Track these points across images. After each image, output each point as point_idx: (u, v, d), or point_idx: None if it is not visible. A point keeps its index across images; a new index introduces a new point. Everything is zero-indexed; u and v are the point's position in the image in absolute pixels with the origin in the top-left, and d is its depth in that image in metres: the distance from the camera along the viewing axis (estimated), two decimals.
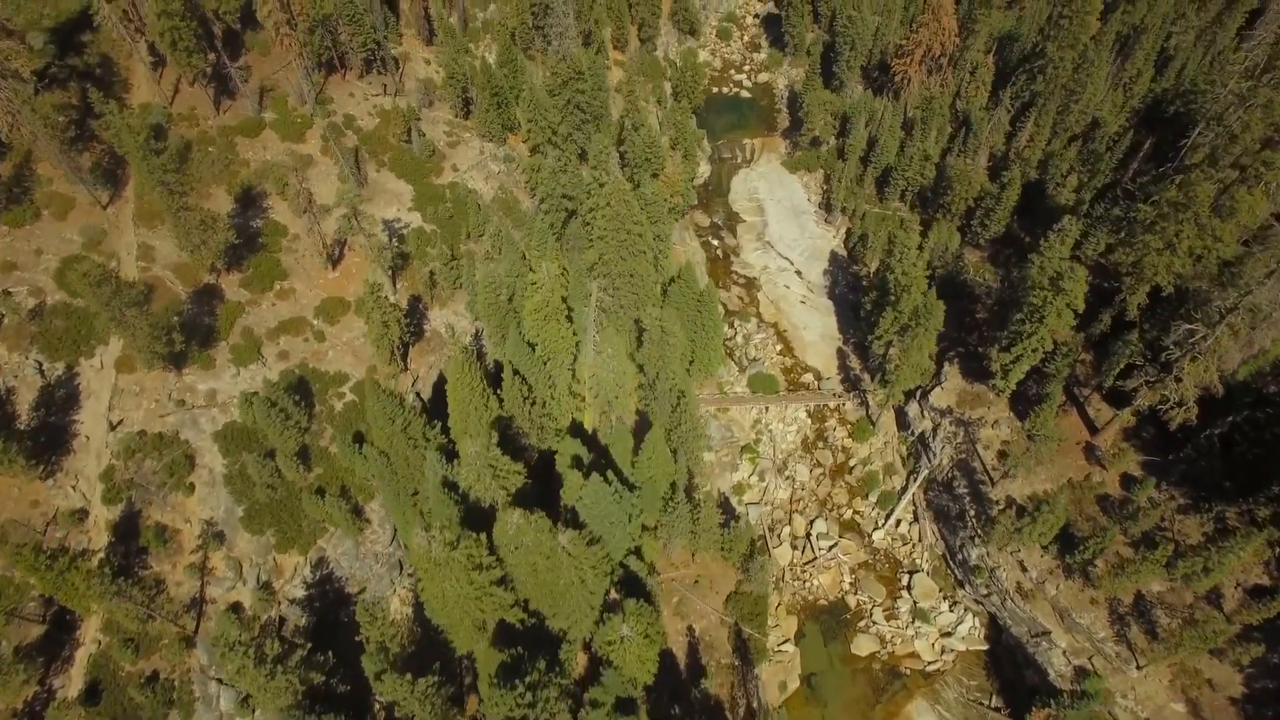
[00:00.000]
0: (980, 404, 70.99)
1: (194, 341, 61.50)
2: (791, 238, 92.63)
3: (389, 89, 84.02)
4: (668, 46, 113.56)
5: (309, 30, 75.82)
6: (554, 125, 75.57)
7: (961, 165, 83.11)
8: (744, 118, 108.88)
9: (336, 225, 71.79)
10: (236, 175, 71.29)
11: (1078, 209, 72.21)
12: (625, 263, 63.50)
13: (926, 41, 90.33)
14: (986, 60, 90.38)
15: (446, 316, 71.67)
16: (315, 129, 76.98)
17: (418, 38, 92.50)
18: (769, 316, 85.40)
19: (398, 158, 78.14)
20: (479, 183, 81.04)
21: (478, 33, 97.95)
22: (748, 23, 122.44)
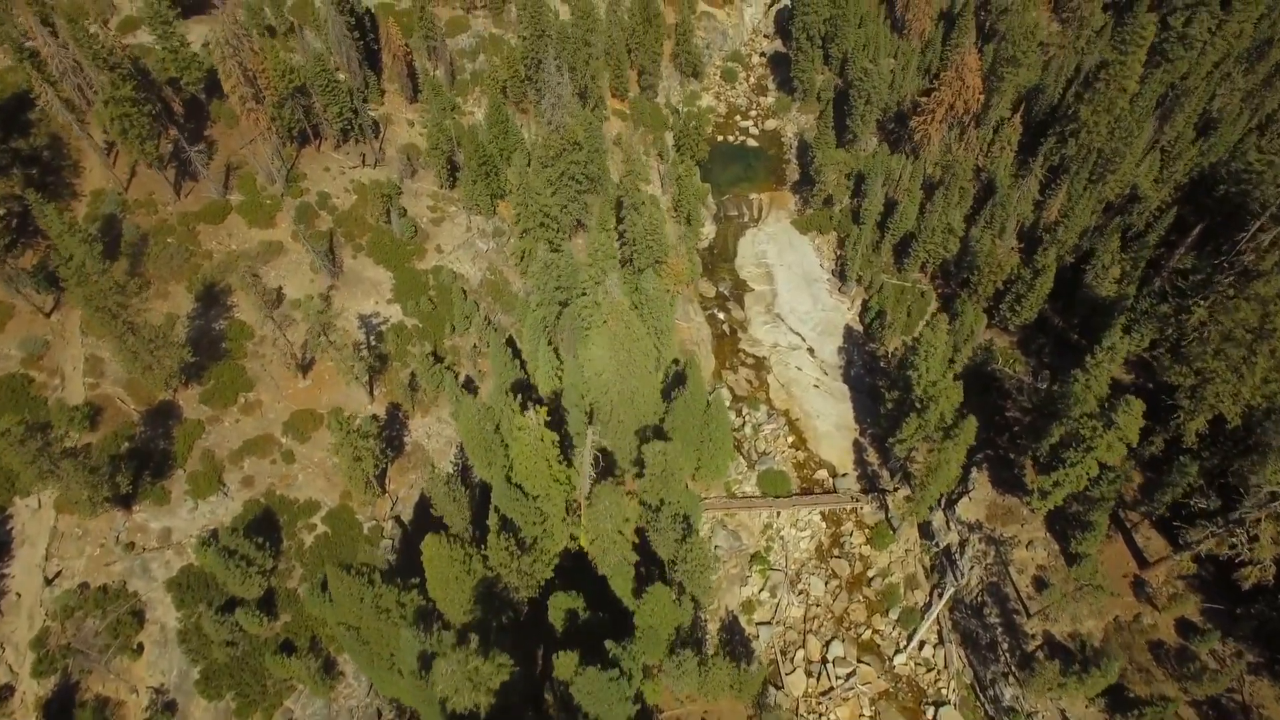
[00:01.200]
0: (1013, 520, 64.49)
1: (146, 473, 54.97)
2: (803, 310, 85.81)
3: (368, 159, 76.97)
4: (669, 91, 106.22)
5: (278, 104, 68.79)
6: (546, 209, 68.61)
7: (989, 243, 76.22)
8: (751, 169, 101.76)
9: (308, 325, 65.02)
10: (198, 269, 64.47)
11: (1121, 303, 65.37)
12: (625, 382, 56.86)
13: (949, 100, 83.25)
14: (1013, 120, 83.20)
15: (429, 425, 65.05)
16: (286, 210, 70.08)
17: (401, 95, 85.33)
18: (780, 403, 78.72)
19: (377, 240, 71.24)
20: (465, 264, 74.16)
21: (466, 86, 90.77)
22: (753, 62, 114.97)
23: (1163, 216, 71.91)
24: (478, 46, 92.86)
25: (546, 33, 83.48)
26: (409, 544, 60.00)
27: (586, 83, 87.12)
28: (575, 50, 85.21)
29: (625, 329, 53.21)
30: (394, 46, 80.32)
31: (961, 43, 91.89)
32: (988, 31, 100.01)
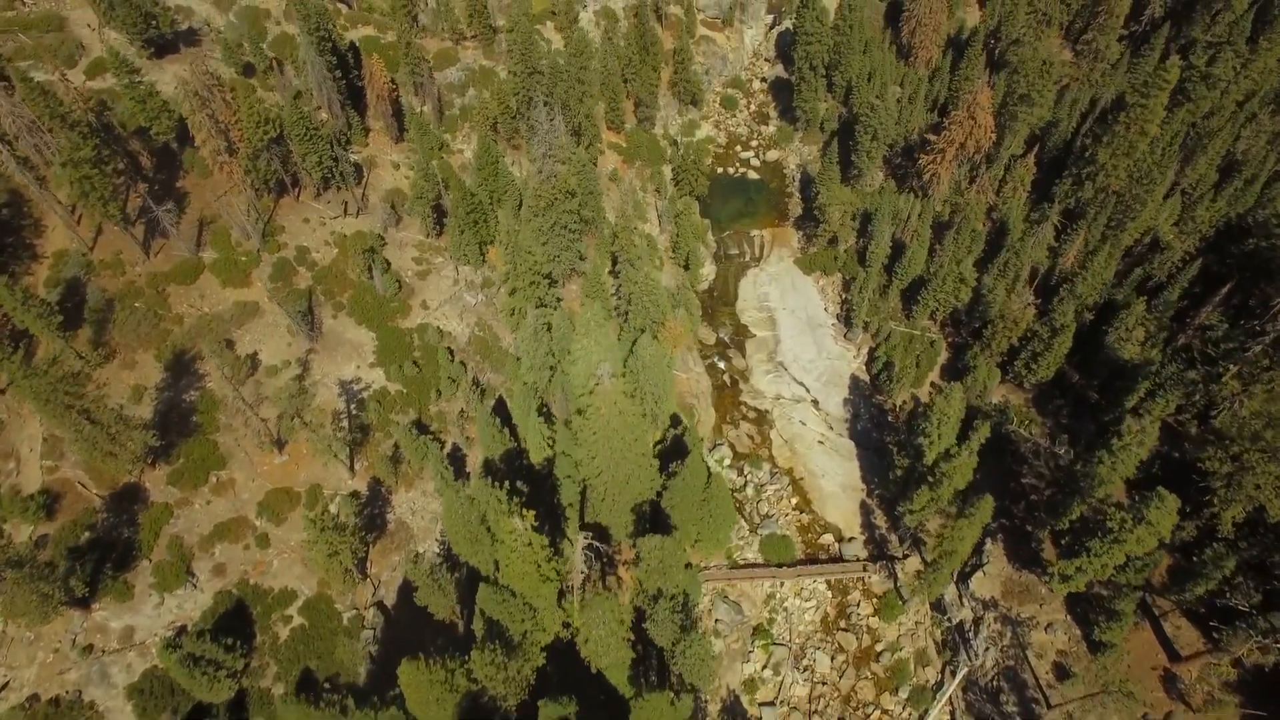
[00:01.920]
0: (1030, 599, 60.71)
1: (108, 566, 51.11)
2: (807, 358, 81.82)
3: (350, 207, 72.85)
4: (667, 121, 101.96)
5: (252, 156, 64.66)
6: (537, 268, 64.53)
7: (1003, 294, 72.33)
8: (752, 203, 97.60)
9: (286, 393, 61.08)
10: (168, 336, 60.45)
11: (1145, 368, 61.39)
12: (619, 467, 52.96)
13: (959, 139, 79.07)
14: (1026, 160, 79.07)
15: (413, 500, 61.19)
16: (263, 268, 66.01)
17: (386, 134, 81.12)
18: (783, 461, 74.85)
19: (358, 298, 67.18)
20: (452, 321, 70.13)
21: (455, 122, 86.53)
22: (754, 88, 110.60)
23: (1186, 268, 68.00)
24: (467, 80, 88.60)
25: (538, 69, 79.22)
26: (393, 632, 56.34)
27: (580, 121, 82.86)
28: (569, 87, 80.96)
29: (619, 418, 49.27)
30: (378, 86, 76.08)
31: (971, 76, 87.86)
32: (997, 59, 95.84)
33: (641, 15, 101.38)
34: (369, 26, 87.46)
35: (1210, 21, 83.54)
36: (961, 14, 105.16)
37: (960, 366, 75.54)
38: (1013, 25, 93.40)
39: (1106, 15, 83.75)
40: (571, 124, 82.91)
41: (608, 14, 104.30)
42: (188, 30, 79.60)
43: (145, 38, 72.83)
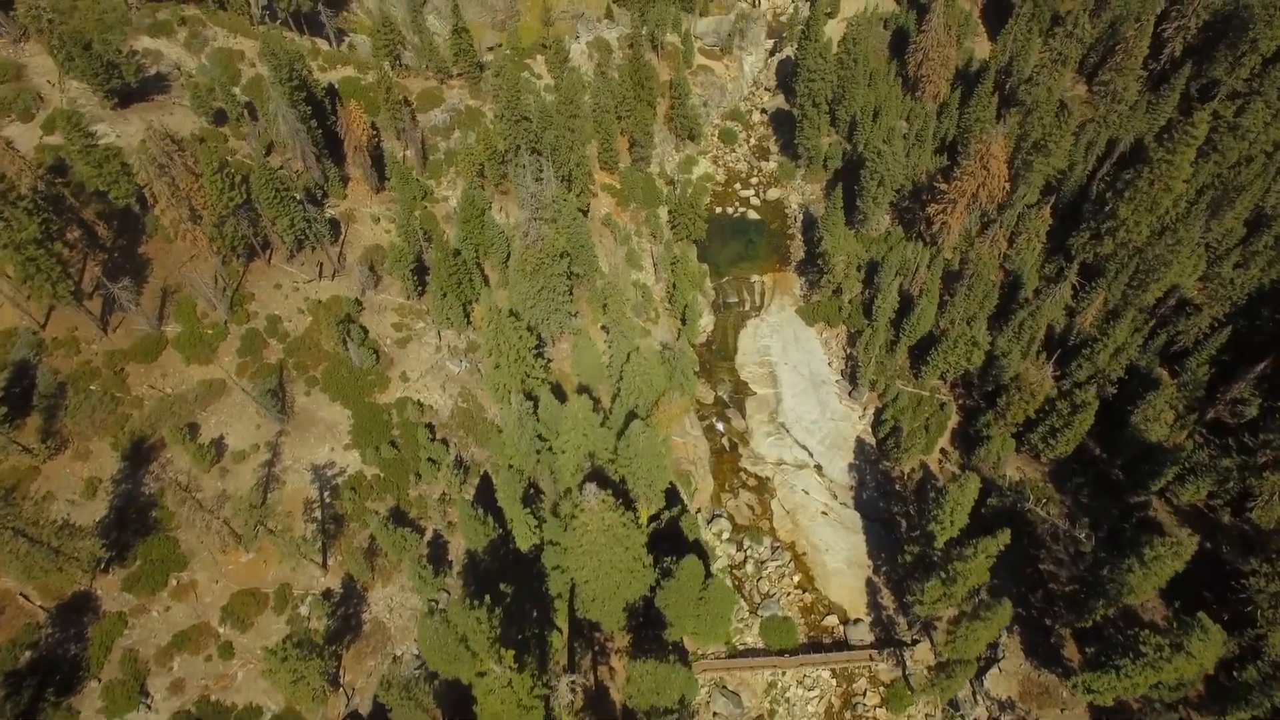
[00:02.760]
0: (1050, 703, 56.38)
1: (50, 691, 46.65)
2: (810, 418, 77.25)
3: (326, 269, 68.12)
4: (664, 158, 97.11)
5: (218, 224, 59.94)
6: (520, 348, 59.80)
7: (1017, 358, 67.78)
8: (752, 245, 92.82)
9: (254, 480, 56.60)
10: (126, 421, 55.81)
11: (1175, 454, 56.88)
12: (609, 576, 48.49)
13: (971, 190, 74.32)
14: (1042, 211, 74.34)
15: (391, 596, 56.71)
16: (230, 341, 61.34)
17: (365, 183, 76.25)
18: (785, 534, 70.41)
19: (333, 371, 62.53)
20: (434, 392, 65.52)
21: (440, 167, 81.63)
22: (754, 120, 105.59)
23: (1215, 335, 63.45)
24: (452, 122, 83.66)
25: (525, 116, 74.29)
26: None
27: (571, 169, 77.98)
28: (559, 134, 76.06)
29: (607, 532, 44.77)
30: (355, 137, 71.23)
31: (983, 118, 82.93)
32: (1009, 94, 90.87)
33: (636, 46, 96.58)
34: (348, 67, 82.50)
35: (1234, 63, 78.58)
36: (970, 44, 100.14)
37: (972, 432, 71.00)
38: (1025, 62, 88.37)
39: (1124, 55, 78.82)
40: (562, 172, 78.05)
41: (601, 45, 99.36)
42: (156, 76, 74.68)
43: (108, 88, 67.91)
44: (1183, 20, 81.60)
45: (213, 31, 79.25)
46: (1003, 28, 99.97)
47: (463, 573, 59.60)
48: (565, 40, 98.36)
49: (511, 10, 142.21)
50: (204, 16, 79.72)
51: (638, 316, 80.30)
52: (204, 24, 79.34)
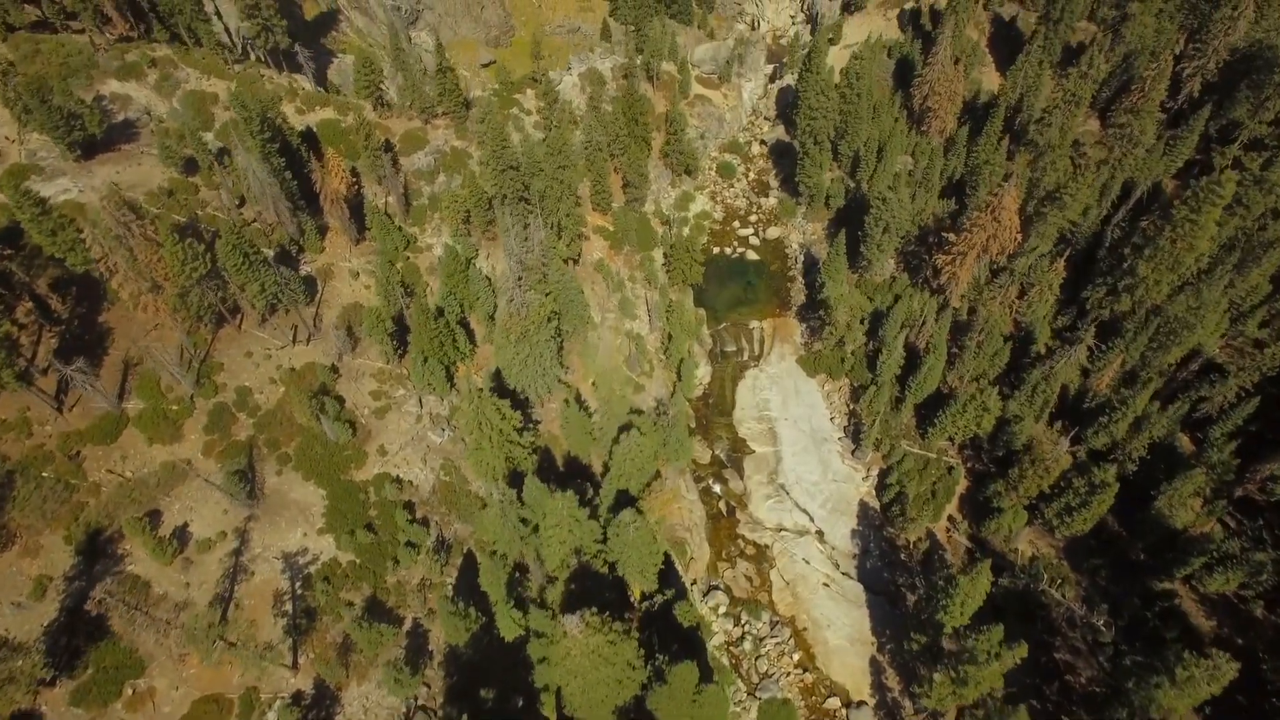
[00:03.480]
0: None
1: None
2: (811, 480, 73.29)
3: (300, 333, 64.06)
4: (659, 195, 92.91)
5: (181, 294, 55.90)
6: (503, 428, 55.75)
7: (1030, 422, 63.84)
8: (751, 288, 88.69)
9: (220, 571, 52.78)
10: (81, 511, 51.88)
11: (1204, 544, 52.91)
12: (595, 690, 44.64)
13: (981, 243, 70.15)
14: (1056, 265, 70.18)
15: (367, 695, 52.84)
16: (197, 418, 57.37)
17: (344, 234, 72.05)
18: (784, 608, 66.52)
19: (306, 447, 58.56)
20: (415, 466, 61.57)
21: (424, 213, 77.42)
22: (754, 151, 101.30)
23: (1243, 404, 59.36)
24: (437, 165, 79.38)
25: (512, 165, 70.03)
26: None
27: (561, 219, 73.81)
28: (548, 185, 71.82)
29: (593, 656, 40.90)
30: (331, 190, 67.07)
31: (993, 160, 78.59)
32: (1018, 130, 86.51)
33: (631, 77, 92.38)
34: (328, 108, 78.12)
35: (1257, 105, 74.23)
36: (977, 75, 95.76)
37: (981, 499, 67.08)
38: (1035, 98, 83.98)
39: (1141, 97, 74.47)
40: (551, 221, 73.92)
41: (593, 77, 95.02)
42: (123, 123, 70.49)
43: (69, 141, 63.77)
44: (1202, 60, 77.19)
45: (185, 73, 74.99)
46: (1011, 57, 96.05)
47: (444, 664, 55.86)
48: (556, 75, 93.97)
49: (506, 26, 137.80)
50: (176, 57, 75.42)
51: (631, 370, 76.33)
52: (175, 65, 75.06)
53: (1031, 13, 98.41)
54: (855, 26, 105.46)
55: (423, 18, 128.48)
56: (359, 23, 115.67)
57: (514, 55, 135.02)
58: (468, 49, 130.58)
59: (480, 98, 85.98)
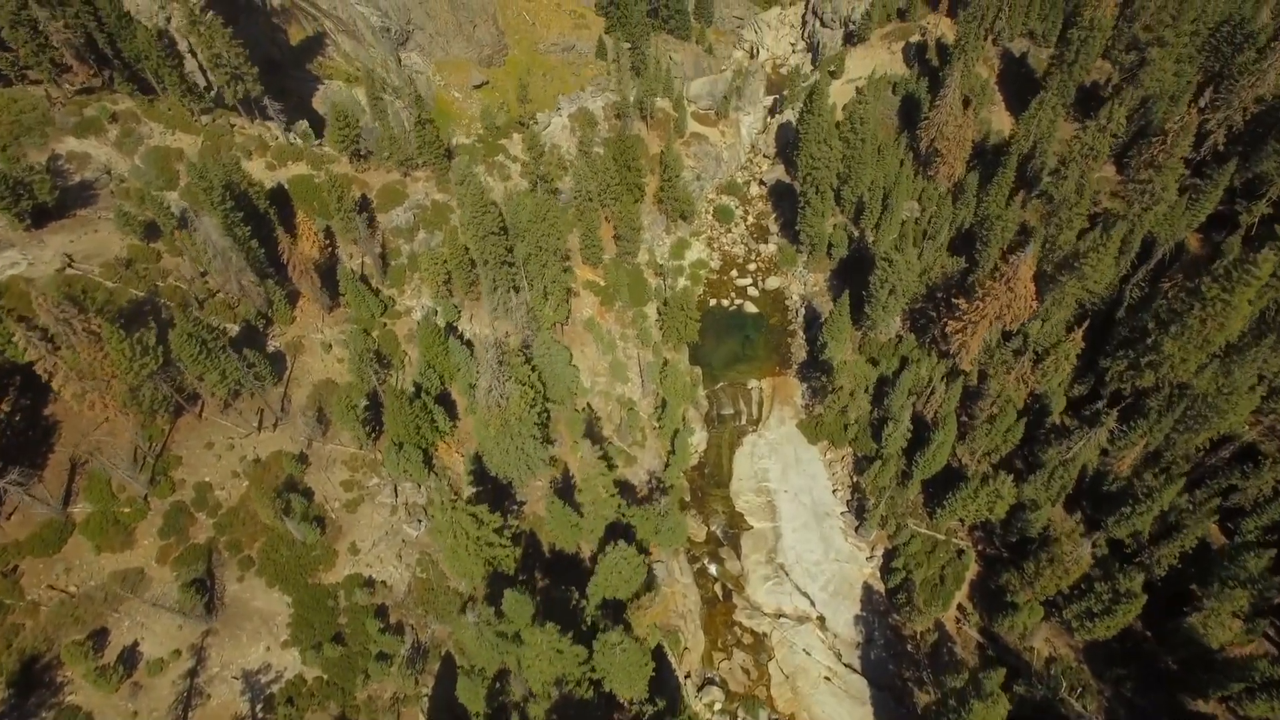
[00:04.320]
0: None
1: None
2: (812, 559, 68.68)
3: (267, 417, 59.32)
4: (653, 242, 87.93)
5: (132, 391, 51.14)
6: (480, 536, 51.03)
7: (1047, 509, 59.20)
8: (749, 343, 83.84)
9: (173, 696, 48.21)
10: (16, 635, 47.23)
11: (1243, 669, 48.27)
12: None
13: (993, 313, 65.29)
14: (1074, 336, 65.28)
15: None
16: (152, 519, 52.70)
17: (316, 302, 67.13)
18: (783, 703, 61.99)
19: (271, 550, 53.88)
20: (389, 564, 56.92)
21: (402, 273, 72.45)
22: (752, 193, 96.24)
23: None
24: (416, 221, 74.45)
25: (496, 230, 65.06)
26: None
27: (548, 285, 68.89)
28: (531, 250, 66.86)
29: None
30: (299, 260, 62.17)
31: (1005, 216, 73.49)
32: (1031, 178, 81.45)
33: (624, 117, 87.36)
34: (301, 163, 73.06)
35: None
36: (986, 114, 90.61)
37: (994, 587, 62.52)
38: (1049, 144, 78.81)
39: (1164, 151, 69.40)
40: (537, 286, 69.05)
41: (584, 118, 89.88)
42: (80, 185, 65.51)
43: (17, 210, 58.87)
44: (1228, 111, 72.10)
45: (148, 128, 69.96)
46: (1021, 95, 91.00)
47: None
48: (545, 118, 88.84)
49: (499, 45, 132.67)
50: (139, 110, 70.34)
51: (621, 440, 71.71)
52: (138, 119, 70.00)
53: (1043, 49, 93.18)
54: (858, 60, 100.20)
55: (413, 38, 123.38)
56: (346, 46, 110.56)
57: (507, 75, 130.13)
58: (460, 69, 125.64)
59: (462, 148, 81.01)
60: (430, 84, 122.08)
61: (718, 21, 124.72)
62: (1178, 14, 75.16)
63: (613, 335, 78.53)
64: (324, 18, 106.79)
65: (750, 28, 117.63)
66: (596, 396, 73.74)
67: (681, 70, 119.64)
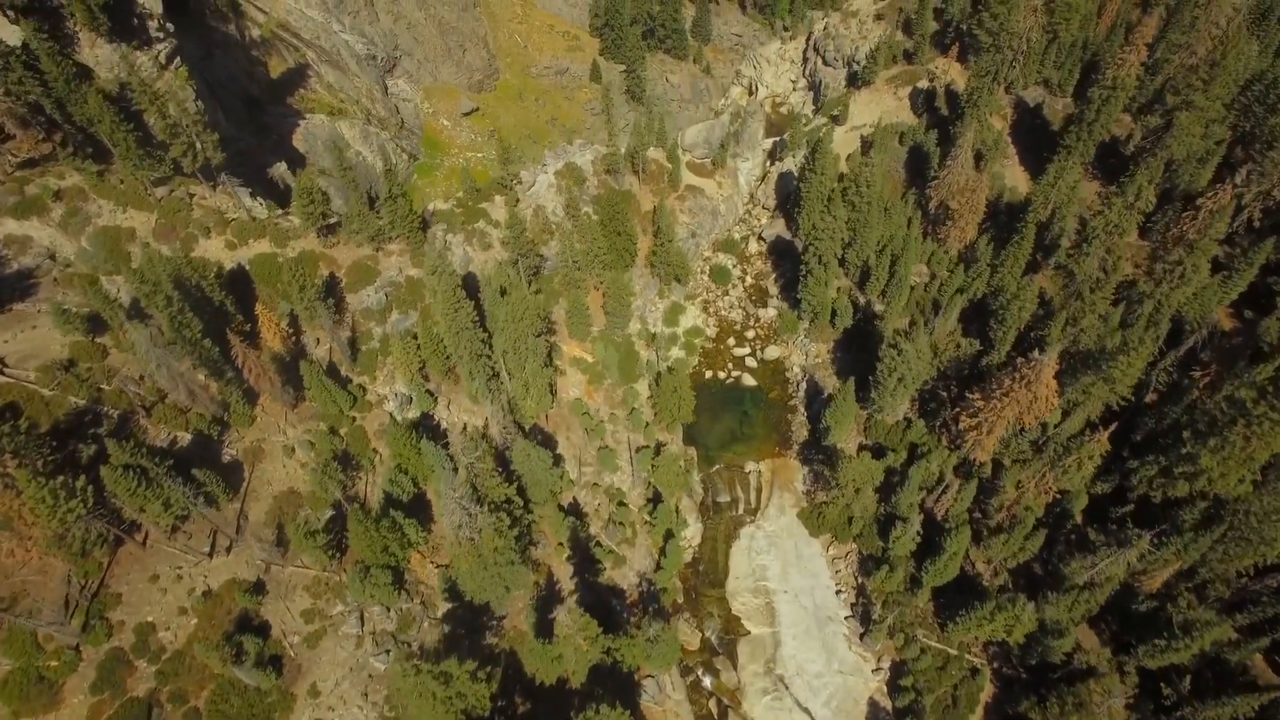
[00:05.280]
0: None
1: None
2: (814, 669, 63.27)
3: (220, 540, 53.63)
4: (645, 309, 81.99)
5: (59, 536, 45.43)
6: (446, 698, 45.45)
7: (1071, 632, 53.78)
8: (748, 421, 78.09)
9: None
10: None
11: None
12: None
13: (1012, 415, 59.54)
14: (1099, 437, 59.53)
15: None
16: (83, 672, 47.06)
17: (278, 400, 61.11)
18: None
19: (219, 699, 48.28)
20: (354, 708, 51.23)
21: (374, 359, 66.54)
22: (750, 249, 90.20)
23: None
24: (389, 301, 68.48)
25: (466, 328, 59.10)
26: None
27: (529, 379, 63.05)
28: (511, 345, 60.96)
29: None
30: (253, 363, 56.31)
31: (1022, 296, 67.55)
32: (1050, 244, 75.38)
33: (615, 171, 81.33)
34: (263, 240, 66.93)
35: None
36: (999, 168, 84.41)
37: (1011, 714, 57.23)
38: (1069, 208, 72.65)
39: (1197, 229, 63.43)
40: (520, 379, 63.25)
41: (572, 174, 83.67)
42: (18, 274, 59.45)
43: None
44: (1264, 185, 66.09)
45: (97, 206, 63.82)
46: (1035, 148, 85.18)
47: None
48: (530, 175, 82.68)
49: (490, 69, 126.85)
50: (87, 186, 64.12)
51: (610, 539, 66.19)
52: (86, 196, 63.83)
53: (1059, 98, 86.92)
54: (863, 105, 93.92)
55: (400, 65, 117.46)
56: (330, 78, 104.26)
57: (499, 100, 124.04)
58: (449, 96, 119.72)
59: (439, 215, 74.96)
60: (418, 111, 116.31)
61: (716, 39, 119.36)
62: (1209, 78, 68.92)
63: (601, 416, 72.84)
64: (306, 48, 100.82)
65: (748, 63, 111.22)
66: (583, 489, 68.18)
67: (678, 93, 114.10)
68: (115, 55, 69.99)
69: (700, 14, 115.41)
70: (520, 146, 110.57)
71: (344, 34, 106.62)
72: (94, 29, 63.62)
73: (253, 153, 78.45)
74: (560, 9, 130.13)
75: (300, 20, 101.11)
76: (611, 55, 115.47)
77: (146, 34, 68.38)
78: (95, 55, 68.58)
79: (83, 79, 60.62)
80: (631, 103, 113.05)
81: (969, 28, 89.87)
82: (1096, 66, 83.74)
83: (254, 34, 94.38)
